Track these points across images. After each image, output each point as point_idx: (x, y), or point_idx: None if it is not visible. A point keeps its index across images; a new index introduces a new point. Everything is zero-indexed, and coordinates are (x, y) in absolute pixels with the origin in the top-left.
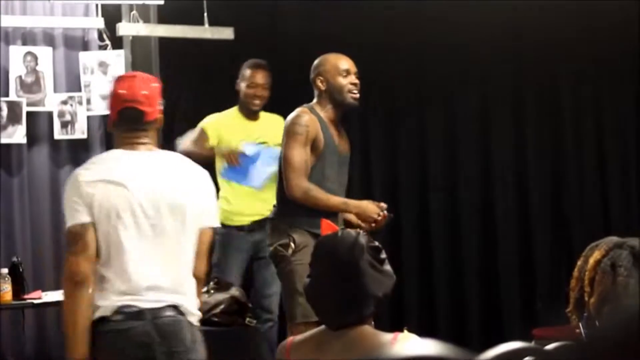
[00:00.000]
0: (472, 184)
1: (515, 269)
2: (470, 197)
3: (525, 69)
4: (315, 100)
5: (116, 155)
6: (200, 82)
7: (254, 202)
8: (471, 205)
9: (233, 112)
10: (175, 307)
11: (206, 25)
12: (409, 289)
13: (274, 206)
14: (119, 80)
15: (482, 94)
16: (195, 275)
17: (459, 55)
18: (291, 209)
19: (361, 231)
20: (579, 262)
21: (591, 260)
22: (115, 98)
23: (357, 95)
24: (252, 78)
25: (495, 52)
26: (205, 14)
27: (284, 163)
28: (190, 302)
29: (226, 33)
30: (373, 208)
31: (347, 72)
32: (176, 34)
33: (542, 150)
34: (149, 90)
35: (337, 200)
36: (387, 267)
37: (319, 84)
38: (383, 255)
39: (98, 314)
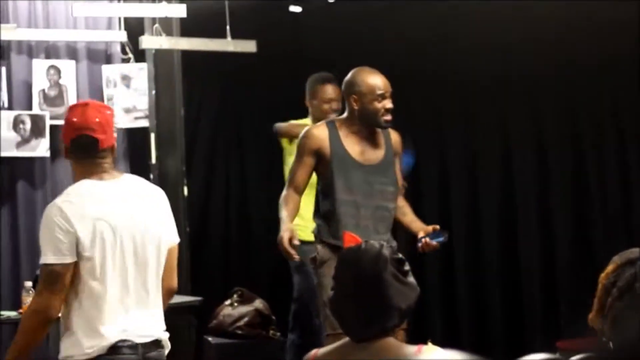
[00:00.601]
0: (493, 196)
1: (538, 280)
2: (491, 209)
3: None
4: (345, 114)
5: (88, 187)
6: (222, 95)
7: None
8: (492, 216)
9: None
10: (158, 342)
11: (228, 38)
12: (431, 301)
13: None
14: (71, 108)
15: (502, 113)
16: (170, 290)
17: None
18: (318, 223)
19: (385, 243)
20: (609, 271)
21: (602, 274)
22: (68, 126)
23: (389, 118)
24: (324, 93)
25: (517, 68)
26: (228, 27)
27: None
28: (165, 333)
29: (249, 46)
30: (282, 234)
31: (383, 97)
32: (198, 47)
33: (563, 157)
34: (102, 118)
35: (282, 214)
36: (411, 279)
37: (352, 103)
38: (407, 267)
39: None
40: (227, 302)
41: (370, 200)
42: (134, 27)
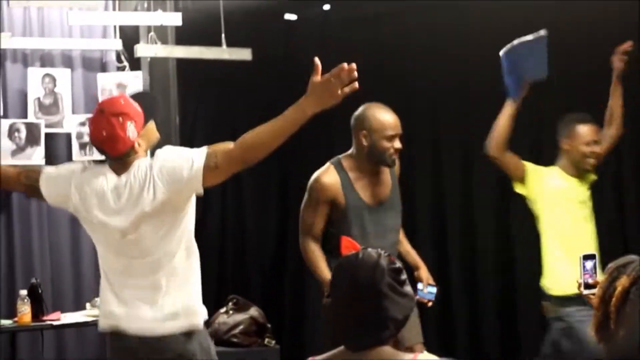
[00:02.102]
0: (488, 210)
1: (532, 287)
2: (487, 223)
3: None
4: (352, 149)
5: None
6: (217, 103)
7: None
8: (488, 231)
9: (555, 170)
10: None
11: (224, 46)
12: (427, 309)
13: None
14: (89, 119)
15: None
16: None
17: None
18: (329, 259)
19: (382, 252)
20: (603, 281)
21: (619, 287)
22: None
23: (395, 157)
24: (587, 135)
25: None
26: (223, 35)
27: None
28: None
29: (244, 54)
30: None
31: (393, 137)
32: (194, 55)
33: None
34: (109, 129)
35: (320, 270)
36: (408, 288)
37: (362, 139)
38: (404, 277)
39: None
40: (223, 310)
41: (383, 240)
42: (129, 35)
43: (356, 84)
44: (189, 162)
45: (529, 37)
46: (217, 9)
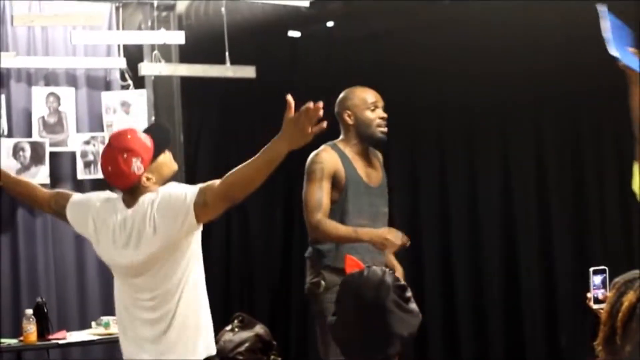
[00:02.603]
0: (493, 221)
1: (538, 305)
2: (492, 235)
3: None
4: (341, 136)
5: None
6: (222, 120)
7: None
8: (493, 243)
9: None
10: None
11: (228, 64)
12: (432, 327)
13: (310, 244)
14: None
15: (502, 139)
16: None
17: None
18: (322, 248)
19: (387, 269)
20: (611, 296)
21: (625, 302)
22: None
23: (386, 130)
24: None
25: (516, 93)
26: (227, 53)
27: (303, 203)
28: None
29: (248, 71)
30: (390, 234)
31: (375, 106)
32: (198, 73)
33: (562, 184)
34: (114, 165)
35: (346, 230)
36: (413, 305)
37: (347, 118)
38: (409, 294)
39: None
40: (228, 327)
41: (376, 223)
42: (133, 54)
43: (324, 124)
44: (183, 198)
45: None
46: (221, 27)
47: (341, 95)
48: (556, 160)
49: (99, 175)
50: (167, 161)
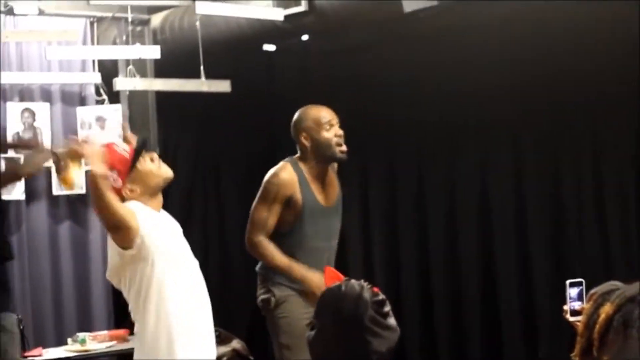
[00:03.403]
0: (471, 236)
1: (516, 317)
2: (470, 249)
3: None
4: (298, 155)
5: None
6: (198, 134)
7: None
8: (470, 256)
9: None
10: None
11: (203, 78)
12: (410, 340)
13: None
14: None
15: (481, 156)
16: None
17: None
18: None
19: (365, 284)
20: (588, 308)
21: (602, 314)
22: None
23: (345, 148)
24: None
25: (495, 108)
26: (202, 67)
27: (249, 217)
28: None
29: (223, 86)
30: (317, 283)
31: (330, 124)
32: (173, 87)
33: (541, 195)
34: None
35: (281, 261)
36: (392, 320)
37: (303, 141)
38: (387, 308)
39: None
40: None
41: (330, 242)
42: (108, 68)
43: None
44: None
45: None
46: (196, 41)
47: (295, 116)
48: (535, 173)
49: (75, 191)
50: (152, 169)
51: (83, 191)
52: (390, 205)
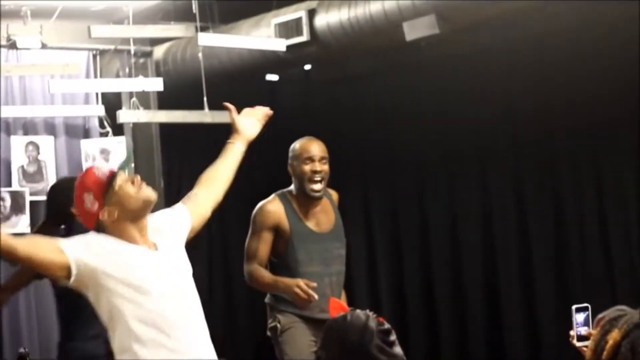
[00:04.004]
0: (475, 255)
1: (521, 342)
2: (473, 268)
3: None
4: (289, 187)
5: None
6: (202, 165)
7: None
8: (475, 280)
9: None
10: None
11: (206, 109)
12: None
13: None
14: None
15: (483, 175)
16: None
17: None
18: (277, 292)
19: (370, 314)
20: (595, 334)
21: (610, 340)
22: None
23: (317, 187)
24: None
25: (496, 134)
26: (205, 98)
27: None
28: None
29: (226, 117)
30: (296, 286)
31: (311, 159)
32: (176, 119)
33: (543, 220)
34: (75, 206)
35: (268, 279)
36: (397, 349)
37: (290, 170)
38: (393, 337)
39: None
40: None
41: (331, 267)
42: (112, 101)
43: (270, 111)
44: None
45: None
46: (199, 72)
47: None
48: (537, 198)
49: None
50: (130, 192)
51: None
52: (391, 229)
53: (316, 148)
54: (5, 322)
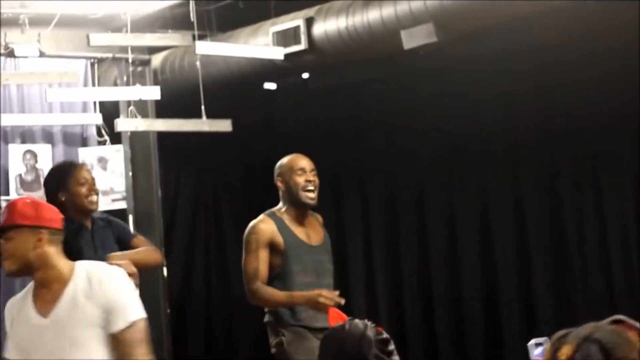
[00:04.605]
0: (473, 269)
1: (519, 345)
2: (472, 275)
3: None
4: (279, 204)
5: None
6: (199, 173)
7: None
8: (473, 288)
9: None
10: None
11: (204, 117)
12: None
13: (265, 311)
14: None
15: (482, 181)
16: None
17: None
18: (279, 311)
19: (369, 323)
20: (547, 353)
21: (562, 357)
22: None
23: (312, 195)
24: None
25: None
26: (203, 107)
27: (243, 274)
28: None
29: (224, 125)
30: (322, 294)
31: (303, 171)
32: (174, 127)
33: (542, 227)
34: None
35: (281, 295)
36: (396, 358)
37: (280, 185)
38: (391, 347)
39: None
40: None
41: (323, 279)
42: (110, 109)
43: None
44: None
45: None
46: (196, 81)
47: (277, 164)
48: (535, 204)
49: None
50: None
51: None
52: (391, 237)
53: (306, 161)
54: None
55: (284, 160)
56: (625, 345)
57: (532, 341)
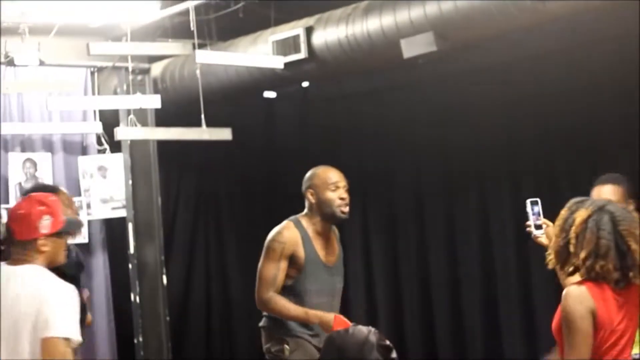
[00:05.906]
0: (473, 273)
1: (520, 352)
2: (472, 290)
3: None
4: (305, 211)
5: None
6: (199, 181)
7: None
8: (472, 294)
9: None
10: None
11: (204, 126)
12: None
13: (264, 315)
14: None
15: (482, 193)
16: None
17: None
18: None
19: (372, 329)
20: (563, 214)
21: (578, 218)
22: None
23: (346, 210)
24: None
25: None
26: (202, 116)
27: (257, 276)
28: None
29: (224, 134)
30: (336, 322)
31: (336, 186)
32: (174, 136)
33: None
34: (26, 210)
35: (296, 310)
36: None
37: (310, 197)
38: (393, 355)
39: None
40: None
41: (335, 299)
42: (109, 118)
43: None
44: None
45: None
46: (196, 89)
47: (307, 174)
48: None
49: (78, 240)
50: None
51: (86, 240)
52: (391, 247)
53: (340, 176)
54: None
55: (317, 171)
56: (631, 221)
57: (529, 200)
